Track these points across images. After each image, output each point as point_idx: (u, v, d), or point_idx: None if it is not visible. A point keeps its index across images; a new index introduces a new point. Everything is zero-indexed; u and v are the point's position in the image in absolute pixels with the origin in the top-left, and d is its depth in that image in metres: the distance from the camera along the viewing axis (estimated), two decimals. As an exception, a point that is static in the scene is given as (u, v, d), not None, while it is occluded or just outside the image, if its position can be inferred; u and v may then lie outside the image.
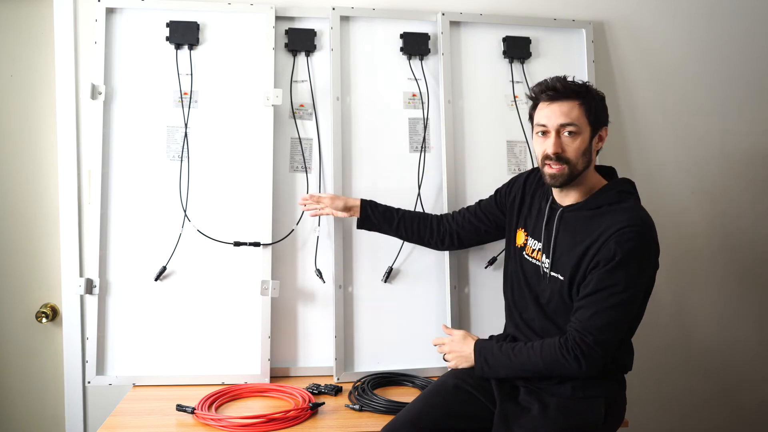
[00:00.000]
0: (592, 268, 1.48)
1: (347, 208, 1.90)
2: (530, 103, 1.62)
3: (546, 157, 1.54)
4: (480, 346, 1.64)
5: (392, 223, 1.88)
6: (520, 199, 1.74)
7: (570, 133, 1.52)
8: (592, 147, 1.55)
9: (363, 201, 1.90)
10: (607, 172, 1.64)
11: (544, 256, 1.61)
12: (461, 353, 1.68)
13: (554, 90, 1.54)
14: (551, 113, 1.54)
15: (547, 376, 1.54)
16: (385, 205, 1.91)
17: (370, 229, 1.91)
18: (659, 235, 1.53)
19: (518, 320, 1.69)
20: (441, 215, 1.93)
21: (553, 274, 1.57)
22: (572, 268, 1.52)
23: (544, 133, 1.56)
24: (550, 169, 1.54)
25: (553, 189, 1.62)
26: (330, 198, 1.91)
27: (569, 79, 1.56)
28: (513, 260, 1.73)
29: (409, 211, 1.92)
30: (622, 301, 1.45)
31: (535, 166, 2.13)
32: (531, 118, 1.63)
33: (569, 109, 1.52)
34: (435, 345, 1.78)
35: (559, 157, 1.52)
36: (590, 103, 1.54)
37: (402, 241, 2.01)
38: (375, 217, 1.88)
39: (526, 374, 1.56)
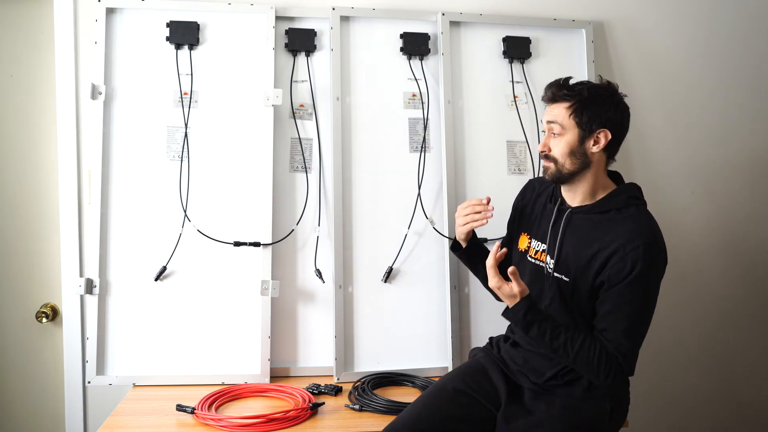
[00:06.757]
0: (608, 284, 1.48)
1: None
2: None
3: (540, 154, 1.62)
4: (529, 304, 1.49)
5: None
6: (532, 203, 1.74)
7: (555, 132, 1.56)
8: (586, 149, 1.54)
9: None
10: (614, 176, 1.63)
11: (548, 257, 1.60)
12: (512, 293, 1.50)
13: (548, 94, 1.59)
14: (545, 115, 1.60)
15: (567, 364, 1.53)
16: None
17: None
18: (660, 235, 1.54)
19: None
20: None
21: (556, 274, 1.57)
22: (578, 270, 1.52)
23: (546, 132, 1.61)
24: (544, 164, 1.61)
25: (561, 188, 1.63)
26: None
27: (571, 80, 1.57)
28: (515, 265, 1.71)
29: None
30: (645, 314, 1.49)
31: (537, 166, 2.12)
32: None
33: (559, 110, 1.56)
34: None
35: (546, 155, 1.58)
36: (582, 104, 1.53)
37: (402, 240, 2.03)
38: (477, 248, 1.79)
39: (549, 354, 1.53)
